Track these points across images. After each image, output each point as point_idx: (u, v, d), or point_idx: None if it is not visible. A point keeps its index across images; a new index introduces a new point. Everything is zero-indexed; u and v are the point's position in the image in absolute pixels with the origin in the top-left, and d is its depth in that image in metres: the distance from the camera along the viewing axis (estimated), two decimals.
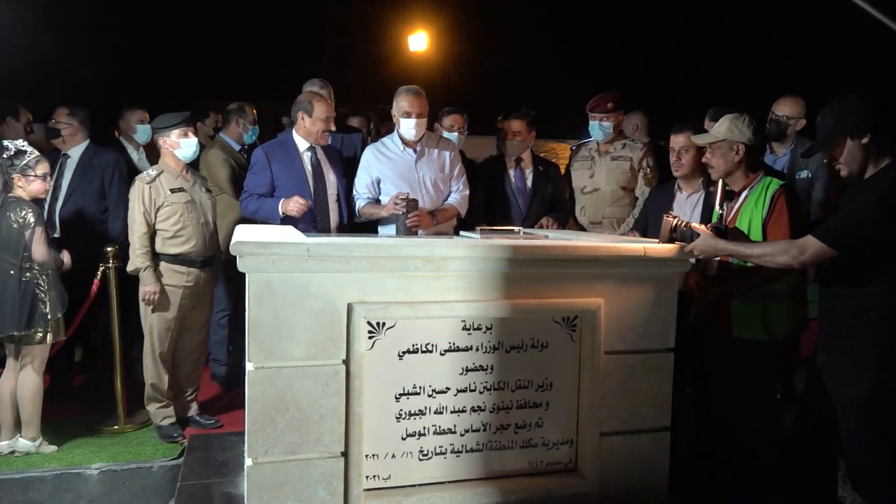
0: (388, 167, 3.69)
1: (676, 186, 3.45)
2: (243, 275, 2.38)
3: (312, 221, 3.58)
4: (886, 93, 2.38)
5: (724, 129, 2.89)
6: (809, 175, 3.95)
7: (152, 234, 3.52)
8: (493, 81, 10.75)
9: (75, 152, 4.22)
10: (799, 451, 2.75)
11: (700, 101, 4.83)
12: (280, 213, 3.51)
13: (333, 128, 3.72)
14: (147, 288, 3.49)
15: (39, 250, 3.28)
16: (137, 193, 3.51)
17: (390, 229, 3.63)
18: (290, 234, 2.72)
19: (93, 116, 4.36)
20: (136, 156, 4.68)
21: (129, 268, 3.55)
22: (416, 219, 3.48)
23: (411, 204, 3.47)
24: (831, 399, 2.51)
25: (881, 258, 2.32)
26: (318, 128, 3.66)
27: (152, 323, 3.57)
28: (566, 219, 4.14)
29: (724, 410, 2.99)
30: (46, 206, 4.08)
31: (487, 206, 3.99)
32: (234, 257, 2.35)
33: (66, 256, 3.47)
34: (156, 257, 3.55)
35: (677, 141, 3.34)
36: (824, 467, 2.70)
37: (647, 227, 3.50)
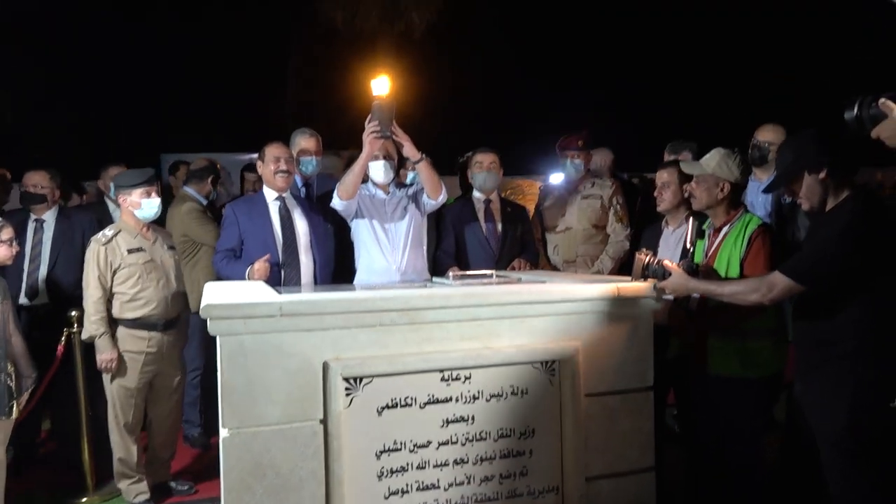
0: (369, 203, 3.68)
1: (664, 222, 3.49)
2: None
3: (278, 278, 3.51)
4: (842, 127, 2.44)
5: (714, 164, 2.92)
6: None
7: (109, 298, 3.40)
8: (454, 121, 10.90)
9: (49, 216, 4.15)
10: (785, 481, 2.75)
11: (663, 135, 4.96)
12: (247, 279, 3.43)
13: (285, 167, 3.60)
14: (103, 356, 3.36)
15: (6, 327, 3.18)
16: (93, 255, 3.38)
17: (370, 269, 3.58)
18: (261, 292, 2.67)
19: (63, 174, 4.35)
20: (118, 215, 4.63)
21: (84, 335, 3.42)
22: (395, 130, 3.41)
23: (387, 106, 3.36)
24: (811, 430, 2.52)
25: (848, 290, 2.36)
26: (269, 170, 3.60)
27: (114, 393, 3.44)
28: (537, 259, 4.17)
29: (709, 445, 2.99)
30: (25, 275, 4.00)
31: (458, 250, 4.00)
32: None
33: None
34: (114, 323, 3.42)
35: (660, 177, 3.39)
36: (811, 497, 2.70)
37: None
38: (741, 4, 11.92)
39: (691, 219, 3.01)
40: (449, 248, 3.97)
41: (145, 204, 3.48)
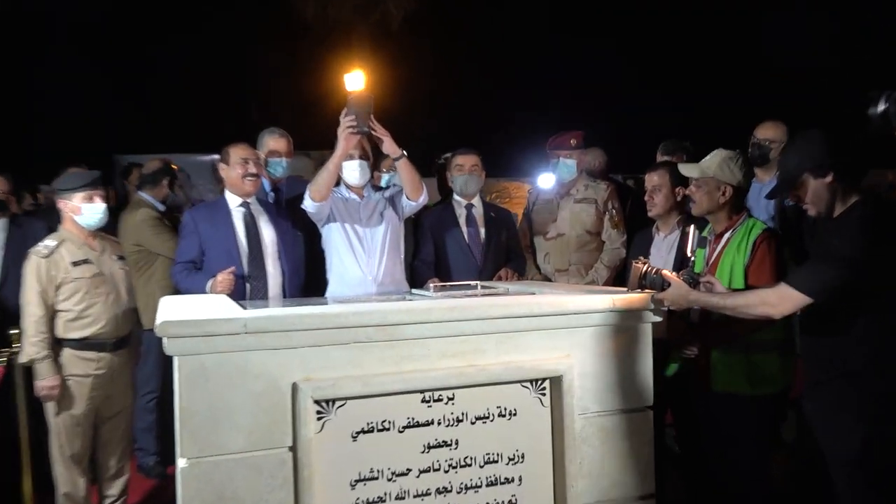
0: (342, 207, 3.62)
1: (655, 228, 3.47)
2: None
3: (243, 291, 3.42)
4: (848, 127, 2.43)
5: (715, 166, 2.89)
6: None
7: (51, 316, 3.26)
8: (434, 120, 10.91)
9: (0, 224, 4.06)
10: (794, 501, 2.75)
11: (657, 133, 4.97)
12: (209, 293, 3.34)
13: (254, 170, 3.53)
14: (44, 382, 3.21)
15: None
16: (32, 270, 3.22)
17: (343, 279, 3.52)
18: (223, 307, 2.60)
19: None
20: None
21: (23, 358, 3.25)
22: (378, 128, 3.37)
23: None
24: (821, 449, 2.51)
25: (858, 300, 2.34)
26: (236, 173, 3.51)
27: (58, 421, 3.30)
28: (525, 267, 4.13)
29: (713, 465, 2.98)
30: None
31: (438, 259, 3.93)
32: None
33: None
34: (58, 344, 3.28)
35: (650, 179, 3.37)
36: None
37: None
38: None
39: (692, 226, 2.99)
40: (428, 256, 3.91)
41: (86, 210, 3.34)
